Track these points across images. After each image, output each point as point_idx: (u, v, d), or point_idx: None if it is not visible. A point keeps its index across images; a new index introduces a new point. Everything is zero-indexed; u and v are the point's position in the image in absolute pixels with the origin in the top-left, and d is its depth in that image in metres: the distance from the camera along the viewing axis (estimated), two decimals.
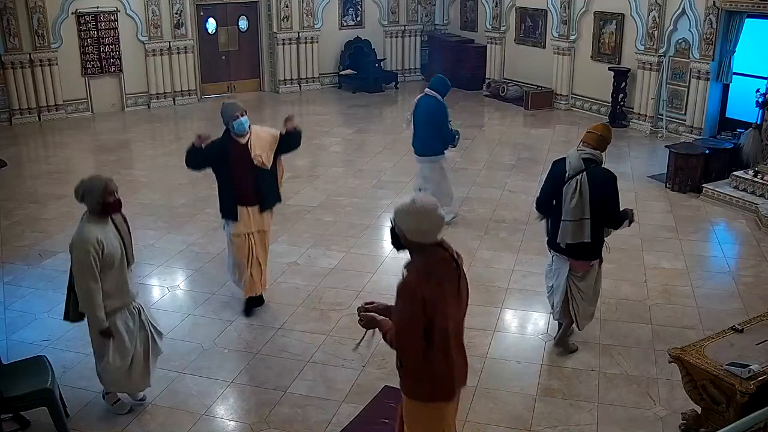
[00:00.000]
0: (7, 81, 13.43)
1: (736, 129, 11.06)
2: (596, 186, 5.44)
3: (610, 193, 5.50)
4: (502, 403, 5.35)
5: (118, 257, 4.87)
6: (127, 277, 5.01)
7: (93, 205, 4.81)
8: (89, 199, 4.80)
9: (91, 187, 4.79)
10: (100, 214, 4.83)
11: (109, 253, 4.79)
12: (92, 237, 4.73)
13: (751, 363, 4.46)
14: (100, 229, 4.79)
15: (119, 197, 4.90)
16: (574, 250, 5.60)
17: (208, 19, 15.59)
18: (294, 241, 8.22)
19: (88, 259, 4.70)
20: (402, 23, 17.57)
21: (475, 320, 6.50)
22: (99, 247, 4.72)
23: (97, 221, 4.82)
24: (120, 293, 4.96)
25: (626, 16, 13.15)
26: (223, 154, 6.16)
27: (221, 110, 6.23)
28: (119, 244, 4.91)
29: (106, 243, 4.78)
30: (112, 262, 4.83)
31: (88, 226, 4.79)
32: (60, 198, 9.74)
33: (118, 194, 4.90)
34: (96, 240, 4.72)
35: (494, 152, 11.86)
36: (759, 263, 7.75)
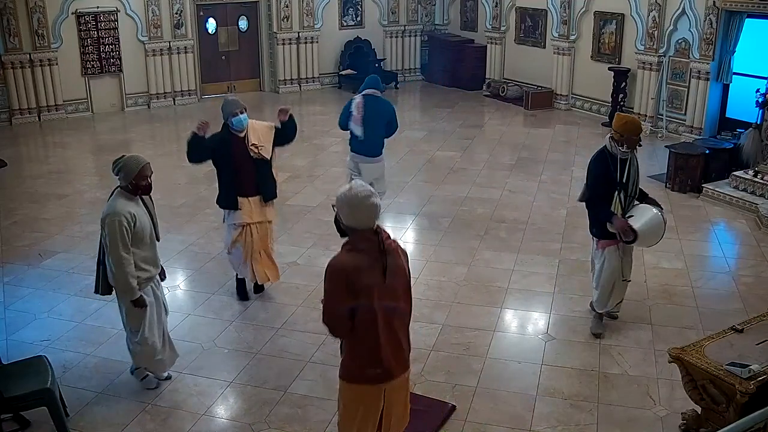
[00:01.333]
0: (7, 81, 13.43)
1: (736, 129, 11.06)
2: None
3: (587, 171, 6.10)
4: (502, 403, 5.35)
5: (148, 232, 5.16)
6: (156, 251, 5.31)
7: (125, 183, 5.06)
8: (124, 176, 5.04)
9: (129, 165, 5.04)
10: (131, 192, 5.09)
11: (140, 227, 5.07)
12: (125, 210, 4.99)
13: (751, 363, 4.46)
14: (133, 205, 5.07)
15: (151, 181, 5.14)
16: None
17: (208, 19, 15.59)
18: (294, 241, 8.22)
19: (121, 230, 4.94)
20: (402, 23, 17.57)
21: (475, 320, 6.52)
22: (132, 220, 4.99)
23: (129, 197, 5.09)
24: (150, 266, 5.23)
25: (626, 16, 13.15)
26: (225, 146, 6.37)
27: (222, 105, 6.44)
28: (149, 221, 5.20)
29: (138, 218, 5.05)
30: (142, 237, 5.10)
31: (121, 200, 5.04)
32: (60, 198, 9.75)
33: (152, 179, 5.14)
34: (130, 214, 4.99)
35: (494, 152, 11.85)
36: (759, 263, 7.75)
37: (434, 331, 6.33)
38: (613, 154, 5.87)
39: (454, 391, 5.49)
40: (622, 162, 5.88)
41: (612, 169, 5.85)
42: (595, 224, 6.09)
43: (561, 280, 7.18)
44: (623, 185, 5.90)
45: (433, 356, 5.95)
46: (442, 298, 6.92)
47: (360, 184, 3.76)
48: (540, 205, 9.39)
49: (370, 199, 3.68)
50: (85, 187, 10.23)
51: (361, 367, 3.80)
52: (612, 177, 5.85)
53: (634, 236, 5.79)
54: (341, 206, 3.72)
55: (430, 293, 7.04)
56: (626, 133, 5.80)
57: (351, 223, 3.71)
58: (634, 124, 5.85)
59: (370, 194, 3.69)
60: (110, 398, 5.43)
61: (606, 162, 5.88)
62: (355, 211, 3.67)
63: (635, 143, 5.85)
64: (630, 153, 5.89)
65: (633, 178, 5.96)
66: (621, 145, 5.82)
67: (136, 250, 5.08)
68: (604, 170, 5.88)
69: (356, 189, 3.70)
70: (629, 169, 5.91)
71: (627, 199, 5.95)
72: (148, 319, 5.26)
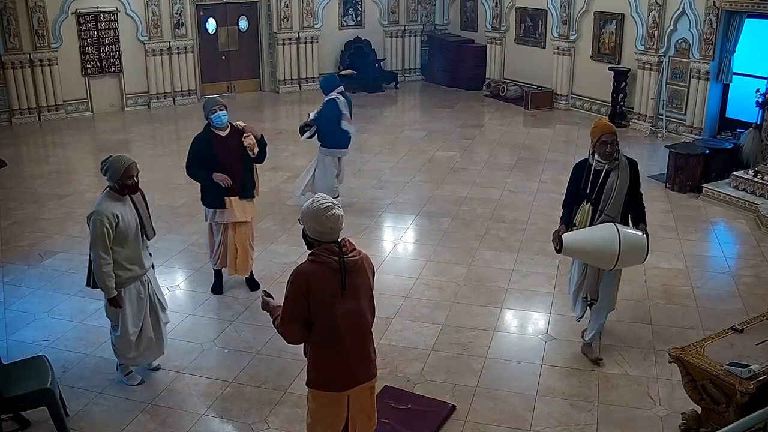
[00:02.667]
0: (7, 81, 13.43)
1: (736, 129, 11.06)
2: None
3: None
4: (502, 403, 5.35)
5: (132, 232, 5.20)
6: (141, 251, 5.33)
7: (112, 183, 5.13)
8: (110, 176, 5.12)
9: (115, 165, 5.10)
10: (118, 192, 5.15)
11: (123, 227, 5.11)
12: (108, 211, 5.05)
13: (751, 363, 4.46)
14: (118, 205, 5.12)
15: (137, 180, 5.19)
16: None
17: (208, 19, 15.59)
18: (294, 241, 8.20)
19: (101, 231, 5.01)
20: (402, 23, 17.57)
21: (475, 320, 6.52)
22: (114, 221, 5.05)
23: (116, 197, 5.15)
24: (133, 265, 5.27)
25: (626, 16, 13.15)
26: (207, 146, 6.51)
27: (203, 104, 6.69)
28: (135, 221, 5.23)
29: (122, 218, 5.10)
30: (126, 237, 5.15)
31: (107, 201, 5.12)
32: (60, 198, 9.75)
33: (138, 178, 5.19)
34: (111, 214, 5.04)
35: (494, 152, 11.85)
36: (759, 263, 7.75)
37: (434, 331, 6.33)
38: (590, 163, 5.59)
39: (454, 391, 5.48)
40: (597, 173, 5.51)
41: (584, 177, 5.56)
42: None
43: (561, 280, 7.18)
44: (593, 199, 5.52)
45: (433, 356, 5.95)
46: (442, 298, 6.92)
47: (323, 197, 3.85)
48: (540, 205, 9.39)
49: (332, 210, 3.77)
50: (85, 187, 10.23)
51: (324, 374, 3.89)
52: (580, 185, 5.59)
53: (559, 247, 5.48)
54: (305, 219, 3.82)
55: (430, 293, 7.04)
56: (593, 139, 5.52)
57: (315, 235, 3.82)
58: (599, 128, 5.51)
59: (332, 206, 3.78)
60: (110, 398, 5.43)
61: (582, 168, 5.63)
62: (318, 223, 3.78)
63: (606, 151, 5.44)
64: (606, 164, 5.48)
65: (608, 194, 5.46)
66: (593, 153, 5.57)
67: (120, 249, 5.14)
68: (576, 176, 5.66)
69: (318, 201, 3.81)
70: (605, 183, 5.47)
71: (596, 215, 5.52)
72: (128, 317, 5.34)
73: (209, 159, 6.49)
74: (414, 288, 7.14)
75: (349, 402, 3.94)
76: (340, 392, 3.90)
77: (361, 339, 3.93)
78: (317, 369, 3.90)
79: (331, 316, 3.78)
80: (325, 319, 3.79)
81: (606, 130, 5.50)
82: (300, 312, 3.77)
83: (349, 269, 3.80)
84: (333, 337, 3.81)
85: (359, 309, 3.87)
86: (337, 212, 3.80)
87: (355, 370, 3.90)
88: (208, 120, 6.53)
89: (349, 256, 3.84)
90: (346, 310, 3.81)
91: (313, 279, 3.74)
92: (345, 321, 3.81)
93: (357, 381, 3.92)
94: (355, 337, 3.88)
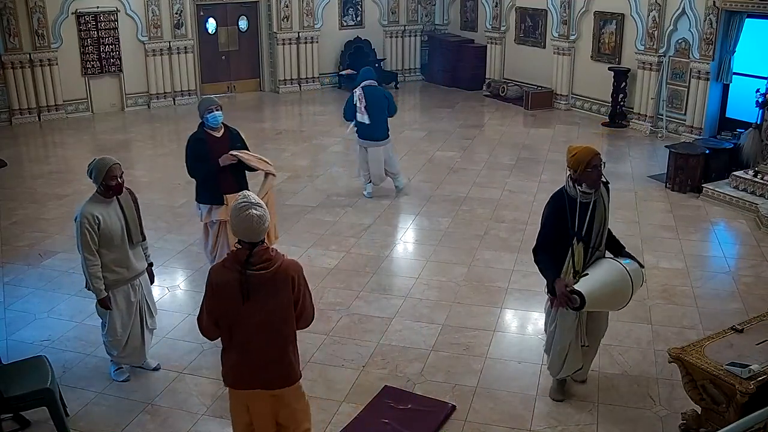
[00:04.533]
0: (7, 81, 13.44)
1: (736, 129, 11.06)
2: None
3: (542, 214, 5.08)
4: (502, 403, 5.35)
5: (118, 235, 5.21)
6: (129, 254, 5.33)
7: (97, 185, 5.17)
8: (95, 178, 5.16)
9: (98, 167, 5.14)
10: (103, 194, 5.19)
11: (107, 229, 5.13)
12: (89, 212, 5.10)
13: (751, 363, 4.46)
14: (101, 207, 5.16)
15: (122, 181, 5.19)
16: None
17: (208, 19, 15.59)
18: (294, 241, 8.21)
19: (83, 232, 5.07)
20: (402, 23, 17.57)
21: (475, 320, 6.52)
22: (95, 223, 5.08)
23: (101, 199, 5.19)
24: (121, 268, 5.30)
25: (626, 16, 13.15)
26: (202, 144, 6.49)
27: (198, 104, 6.71)
28: (121, 223, 5.23)
29: (104, 220, 5.12)
30: (110, 239, 5.17)
31: (90, 203, 5.18)
32: (60, 198, 9.75)
33: (122, 178, 5.20)
34: (92, 216, 5.09)
35: (494, 152, 11.85)
36: (759, 263, 7.75)
37: (434, 331, 6.33)
38: (572, 196, 4.85)
39: (454, 391, 5.49)
40: (584, 206, 4.84)
41: (568, 213, 4.82)
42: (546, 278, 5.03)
43: None
44: (583, 235, 4.87)
45: (433, 356, 5.95)
46: (442, 298, 6.92)
47: (245, 195, 3.81)
48: (540, 205, 9.27)
49: (246, 210, 3.72)
50: (85, 187, 10.18)
51: (227, 369, 4.00)
52: (565, 223, 4.84)
53: (581, 302, 4.76)
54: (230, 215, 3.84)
55: (430, 293, 7.04)
56: (579, 168, 4.76)
57: (236, 234, 3.82)
58: (585, 152, 4.77)
59: (248, 206, 3.72)
60: (110, 398, 5.44)
61: (562, 203, 4.86)
62: (235, 221, 3.75)
63: (596, 178, 4.79)
64: (593, 195, 4.84)
65: (598, 227, 4.90)
66: (579, 184, 4.81)
67: (105, 251, 5.18)
68: (557, 213, 4.88)
69: (239, 200, 3.78)
70: (593, 214, 4.86)
71: (589, 252, 4.93)
72: (116, 319, 5.40)
73: (203, 156, 6.49)
74: (414, 288, 7.14)
75: (250, 405, 4.01)
76: (236, 390, 4.00)
77: (267, 345, 3.89)
78: (223, 363, 4.01)
79: (233, 319, 3.82)
80: (227, 321, 3.86)
81: (594, 152, 4.80)
82: (210, 308, 3.86)
83: (254, 282, 3.74)
84: (235, 338, 3.88)
85: (265, 319, 3.83)
86: (253, 213, 3.71)
87: (253, 373, 3.90)
88: (202, 119, 6.52)
89: (256, 268, 3.76)
90: (251, 317, 3.80)
91: (219, 281, 3.79)
92: (248, 327, 3.82)
93: (252, 384, 3.94)
94: (260, 343, 3.86)
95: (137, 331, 5.54)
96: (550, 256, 4.94)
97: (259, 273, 3.77)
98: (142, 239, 5.47)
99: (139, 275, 5.48)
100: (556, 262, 4.93)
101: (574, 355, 5.20)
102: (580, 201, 4.84)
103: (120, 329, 5.44)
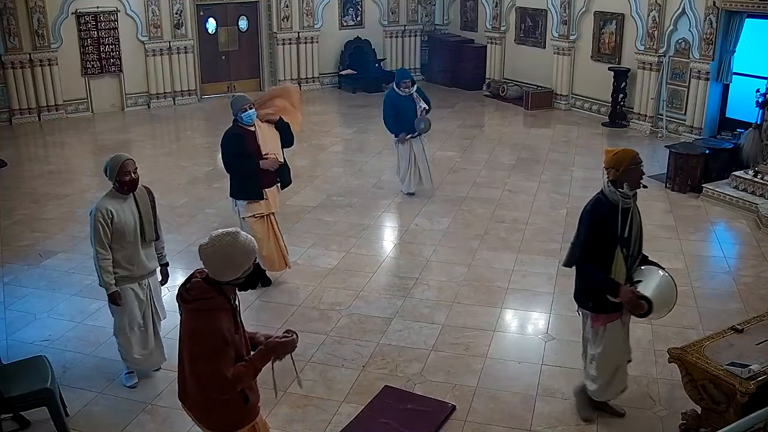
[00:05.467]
0: (7, 81, 13.44)
1: (736, 129, 11.06)
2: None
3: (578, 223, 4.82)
4: (502, 403, 5.35)
5: (131, 231, 5.22)
6: (140, 252, 5.33)
7: (112, 181, 5.20)
8: (109, 174, 5.18)
9: (111, 163, 5.16)
10: (118, 190, 5.20)
11: (119, 224, 5.14)
12: (103, 206, 5.12)
13: (751, 363, 4.46)
14: (116, 202, 5.18)
15: (135, 176, 5.19)
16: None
17: (208, 19, 15.59)
18: (294, 241, 8.21)
19: (96, 226, 5.09)
20: (402, 23, 17.57)
21: (475, 320, 6.52)
22: (108, 217, 5.10)
23: (116, 195, 5.21)
24: (131, 266, 5.30)
25: (626, 16, 13.15)
26: (240, 141, 6.60)
27: (231, 101, 6.75)
28: (135, 220, 5.24)
29: (117, 215, 5.13)
30: (123, 235, 5.17)
31: (105, 198, 5.21)
32: (60, 198, 9.75)
33: (136, 174, 5.20)
34: (106, 210, 5.10)
35: (494, 152, 11.85)
36: (759, 263, 7.75)
37: (434, 331, 6.33)
38: (614, 201, 4.66)
39: (454, 391, 5.49)
40: (624, 212, 4.68)
41: (612, 219, 4.65)
42: (590, 295, 4.82)
43: (561, 280, 7.17)
44: (626, 241, 4.70)
45: (433, 356, 5.95)
46: (442, 298, 6.92)
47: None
48: (540, 205, 9.39)
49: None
50: (85, 187, 10.24)
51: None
52: (612, 230, 4.65)
53: (649, 307, 4.62)
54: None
55: (430, 293, 7.04)
56: (622, 166, 4.64)
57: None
58: (627, 150, 4.75)
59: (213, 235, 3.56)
60: (110, 398, 5.44)
61: (605, 210, 4.67)
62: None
63: (638, 178, 4.69)
64: (633, 199, 4.74)
65: (636, 233, 4.79)
66: (621, 186, 4.67)
67: (117, 247, 5.20)
68: (602, 220, 4.67)
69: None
70: (632, 221, 4.74)
71: (630, 261, 4.77)
72: (127, 315, 5.40)
73: (242, 153, 6.59)
74: (414, 288, 7.14)
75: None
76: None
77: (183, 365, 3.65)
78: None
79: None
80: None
81: (634, 152, 4.71)
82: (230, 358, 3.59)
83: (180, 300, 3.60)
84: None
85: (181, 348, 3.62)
86: (201, 244, 3.53)
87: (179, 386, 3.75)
88: (236, 117, 6.60)
89: (181, 291, 3.60)
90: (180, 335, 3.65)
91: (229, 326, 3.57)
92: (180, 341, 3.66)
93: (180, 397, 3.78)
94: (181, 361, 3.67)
95: (150, 330, 5.55)
96: (596, 268, 4.70)
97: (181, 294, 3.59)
98: (155, 238, 5.47)
99: (148, 274, 5.46)
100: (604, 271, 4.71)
101: (623, 374, 5.07)
102: (622, 207, 4.67)
103: (129, 327, 5.42)
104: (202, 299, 3.48)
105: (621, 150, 4.78)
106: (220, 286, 3.51)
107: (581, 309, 4.99)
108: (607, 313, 4.81)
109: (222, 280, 3.50)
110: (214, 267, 3.48)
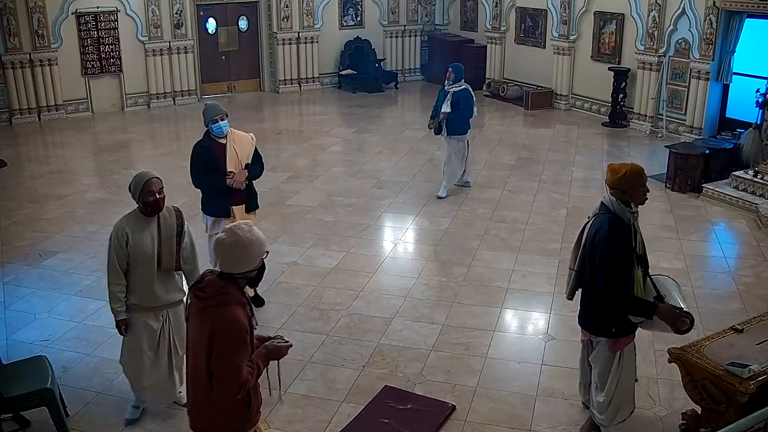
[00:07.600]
0: (7, 81, 13.44)
1: (736, 129, 11.06)
2: (589, 237, 4.54)
3: (597, 250, 4.46)
4: (502, 403, 5.35)
5: (147, 256, 4.76)
6: (154, 281, 4.84)
7: (136, 200, 4.79)
8: (133, 193, 4.78)
9: (135, 182, 4.75)
10: (141, 211, 4.79)
11: (135, 247, 4.72)
12: (120, 227, 4.76)
13: (751, 363, 4.46)
14: (136, 224, 4.77)
15: (160, 197, 4.74)
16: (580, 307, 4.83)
17: (208, 19, 15.59)
18: (294, 241, 8.21)
19: (110, 247, 4.76)
20: (402, 23, 17.57)
21: (475, 320, 6.52)
22: (123, 238, 4.71)
23: (139, 216, 4.80)
24: (143, 294, 4.85)
25: (626, 16, 13.15)
26: (208, 153, 6.28)
27: (203, 110, 6.36)
28: (153, 245, 4.78)
29: (134, 237, 4.72)
30: (136, 259, 4.75)
31: (126, 217, 4.83)
32: (60, 198, 9.75)
33: (162, 194, 4.76)
34: (122, 230, 4.73)
35: (494, 152, 11.85)
36: (759, 263, 7.75)
37: (434, 331, 6.33)
38: (627, 221, 4.45)
39: (454, 391, 5.48)
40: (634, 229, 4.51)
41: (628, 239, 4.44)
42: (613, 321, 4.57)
43: (561, 280, 7.16)
44: (641, 258, 4.53)
45: (433, 356, 5.95)
46: (442, 298, 6.92)
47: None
48: (540, 205, 9.39)
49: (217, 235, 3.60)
50: (85, 187, 10.24)
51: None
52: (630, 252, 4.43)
53: (691, 321, 4.48)
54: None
55: (430, 293, 7.04)
56: (630, 186, 4.43)
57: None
58: (636, 170, 4.48)
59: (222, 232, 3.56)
60: (110, 398, 5.43)
61: (623, 231, 4.42)
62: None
63: (644, 195, 4.52)
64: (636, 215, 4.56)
65: (643, 248, 4.62)
66: (628, 205, 4.46)
67: (130, 271, 4.79)
68: (625, 244, 4.40)
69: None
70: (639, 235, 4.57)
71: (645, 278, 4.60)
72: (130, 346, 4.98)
73: (209, 166, 6.26)
74: (414, 288, 7.14)
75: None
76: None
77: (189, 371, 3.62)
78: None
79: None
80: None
81: (641, 170, 4.51)
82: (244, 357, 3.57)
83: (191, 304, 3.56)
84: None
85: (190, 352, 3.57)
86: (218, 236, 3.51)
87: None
88: (208, 128, 6.29)
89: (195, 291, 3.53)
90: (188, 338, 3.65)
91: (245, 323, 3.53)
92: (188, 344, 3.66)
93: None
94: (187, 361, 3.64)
95: (163, 364, 5.02)
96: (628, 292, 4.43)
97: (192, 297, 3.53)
98: (174, 268, 4.90)
99: (166, 306, 4.95)
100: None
101: (632, 395, 4.90)
102: (633, 224, 4.48)
103: (130, 358, 5.00)
104: (219, 294, 3.45)
105: (629, 169, 4.48)
106: (234, 280, 3.51)
107: (594, 336, 4.74)
108: (626, 335, 4.68)
109: (237, 272, 3.49)
110: (232, 258, 3.46)
